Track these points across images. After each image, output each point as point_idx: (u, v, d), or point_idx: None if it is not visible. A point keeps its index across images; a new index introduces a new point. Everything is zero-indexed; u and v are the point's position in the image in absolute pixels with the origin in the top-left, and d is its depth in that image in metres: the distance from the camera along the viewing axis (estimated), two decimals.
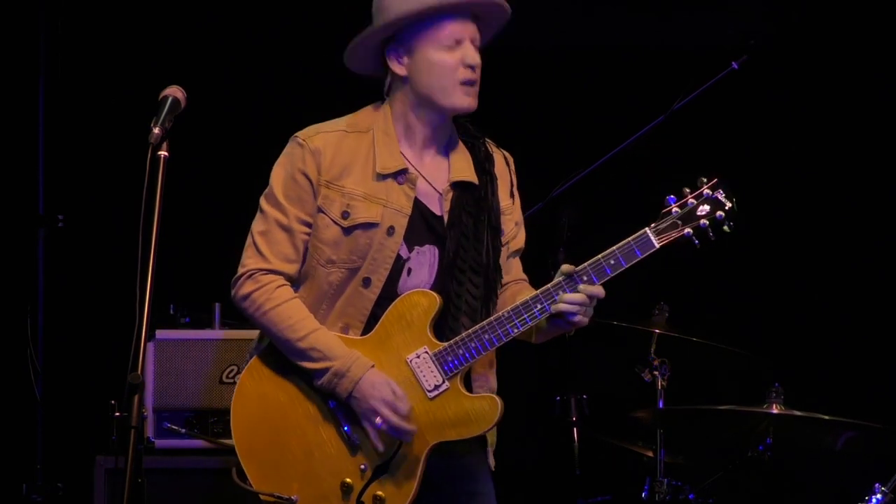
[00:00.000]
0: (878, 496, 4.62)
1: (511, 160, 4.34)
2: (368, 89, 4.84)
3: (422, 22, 4.11)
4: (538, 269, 4.38)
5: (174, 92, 3.85)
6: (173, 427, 5.20)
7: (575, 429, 5.90)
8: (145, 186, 3.67)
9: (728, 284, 6.52)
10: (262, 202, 4.19)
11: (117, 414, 3.65)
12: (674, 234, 4.07)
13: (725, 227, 4.08)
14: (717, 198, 4.08)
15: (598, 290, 4.05)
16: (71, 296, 6.30)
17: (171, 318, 5.38)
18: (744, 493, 5.58)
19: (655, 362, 5.55)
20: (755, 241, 6.47)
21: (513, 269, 4.29)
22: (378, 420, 4.01)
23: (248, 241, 4.18)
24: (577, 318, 4.05)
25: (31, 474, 5.94)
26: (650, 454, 5.66)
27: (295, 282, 4.17)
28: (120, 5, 6.46)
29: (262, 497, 4.06)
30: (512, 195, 4.30)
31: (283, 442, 4.08)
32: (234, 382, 5.17)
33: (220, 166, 6.42)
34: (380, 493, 4.02)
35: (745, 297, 6.51)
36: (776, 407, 5.02)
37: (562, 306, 4.03)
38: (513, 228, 4.28)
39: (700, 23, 6.54)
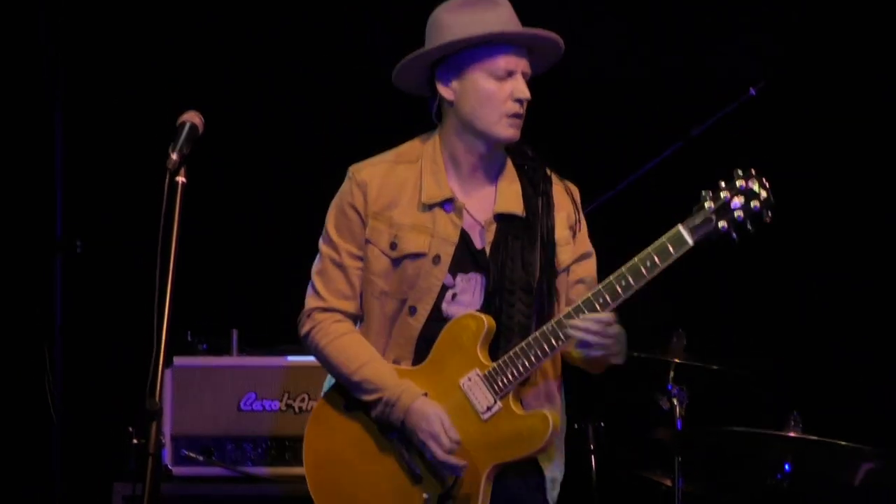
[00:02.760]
0: None
1: (576, 192, 4.27)
2: (387, 109, 4.83)
3: (477, 48, 4.07)
4: None
5: (192, 118, 3.84)
6: (191, 454, 5.18)
7: (593, 457, 5.89)
8: (163, 212, 3.67)
9: (746, 306, 6.48)
10: (320, 243, 4.22)
11: (135, 441, 3.65)
12: (708, 230, 3.96)
13: (765, 219, 3.94)
14: (751, 188, 3.93)
15: (605, 317, 3.96)
16: (88, 322, 6.30)
17: (188, 344, 5.38)
18: None
19: (674, 390, 5.53)
20: (773, 264, 6.44)
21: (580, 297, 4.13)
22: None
23: (309, 282, 4.22)
24: (591, 343, 3.97)
25: (49, 501, 5.93)
26: (668, 483, 5.64)
27: (356, 318, 4.19)
28: (140, 27, 6.47)
29: None
30: (573, 228, 4.23)
31: (351, 478, 4.09)
32: (253, 410, 5.19)
33: (239, 192, 6.42)
34: None
35: (765, 319, 6.47)
36: (794, 434, 4.99)
37: (573, 332, 3.97)
38: (568, 258, 4.19)
39: (719, 50, 6.52)
